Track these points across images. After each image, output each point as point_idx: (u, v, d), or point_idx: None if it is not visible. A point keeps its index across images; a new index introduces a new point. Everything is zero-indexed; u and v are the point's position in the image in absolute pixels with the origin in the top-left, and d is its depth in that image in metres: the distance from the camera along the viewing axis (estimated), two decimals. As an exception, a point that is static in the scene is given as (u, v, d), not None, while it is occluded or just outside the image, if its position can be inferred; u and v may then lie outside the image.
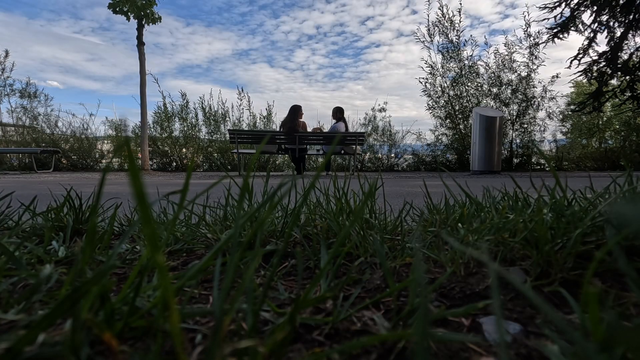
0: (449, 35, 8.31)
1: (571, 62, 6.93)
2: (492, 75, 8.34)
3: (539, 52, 7.97)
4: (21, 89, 9.39)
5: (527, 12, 7.85)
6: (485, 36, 17.19)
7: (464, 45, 8.31)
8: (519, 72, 8.21)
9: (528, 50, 8.07)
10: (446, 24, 8.28)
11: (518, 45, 8.12)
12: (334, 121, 6.82)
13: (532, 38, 7.97)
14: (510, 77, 8.28)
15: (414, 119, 11.96)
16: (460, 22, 8.19)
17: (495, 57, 8.29)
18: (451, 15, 8.21)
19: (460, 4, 8.20)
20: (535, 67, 8.09)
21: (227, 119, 9.11)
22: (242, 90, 9.05)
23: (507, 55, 8.20)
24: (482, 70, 8.40)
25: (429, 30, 8.41)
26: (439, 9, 8.22)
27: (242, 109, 9.08)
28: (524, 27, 8.00)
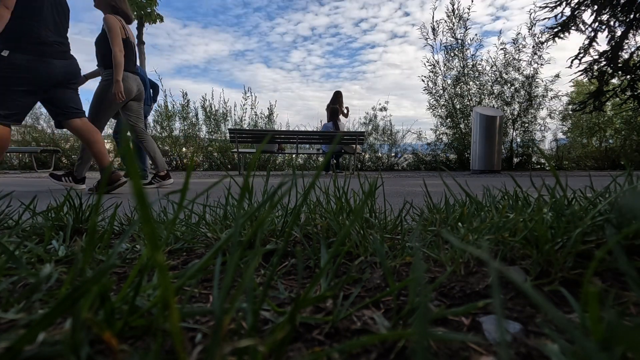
0: (455, 33, 8.30)
1: (572, 62, 6.93)
2: (496, 73, 8.33)
3: (542, 51, 7.98)
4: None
5: (534, 11, 7.90)
6: (497, 36, 17.27)
7: (469, 44, 8.32)
8: (522, 70, 8.21)
9: (532, 49, 8.08)
10: (454, 20, 8.27)
11: (522, 44, 8.12)
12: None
13: (536, 37, 7.98)
14: (513, 76, 8.27)
15: (412, 118, 12.03)
16: (468, 18, 8.20)
17: (499, 55, 8.29)
18: (461, 11, 8.22)
19: (472, 1, 8.24)
20: (539, 66, 8.09)
21: (228, 118, 9.11)
22: (248, 90, 9.06)
23: (514, 53, 8.20)
24: (486, 68, 8.40)
25: (433, 28, 8.41)
26: (451, 3, 8.23)
27: (245, 108, 9.09)
28: (528, 25, 8.02)
